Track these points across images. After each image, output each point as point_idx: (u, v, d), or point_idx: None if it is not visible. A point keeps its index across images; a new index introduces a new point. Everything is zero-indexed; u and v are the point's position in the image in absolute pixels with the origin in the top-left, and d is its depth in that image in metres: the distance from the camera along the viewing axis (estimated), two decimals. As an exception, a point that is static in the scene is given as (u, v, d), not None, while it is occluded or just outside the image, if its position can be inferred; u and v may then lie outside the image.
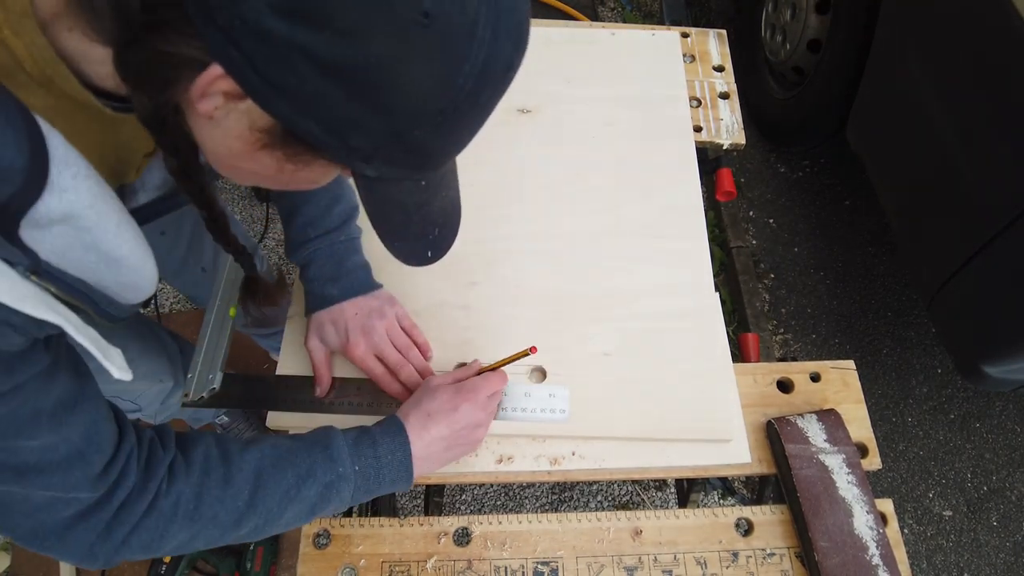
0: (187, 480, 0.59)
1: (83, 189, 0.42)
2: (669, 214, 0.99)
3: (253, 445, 0.65)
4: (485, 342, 0.88)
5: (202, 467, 0.61)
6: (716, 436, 0.83)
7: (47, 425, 0.47)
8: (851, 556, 0.76)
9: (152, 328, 1.16)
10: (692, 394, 0.85)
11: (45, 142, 0.39)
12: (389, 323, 0.83)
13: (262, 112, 0.40)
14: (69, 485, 0.51)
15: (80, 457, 0.51)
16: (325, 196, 0.82)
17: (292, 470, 0.64)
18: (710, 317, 0.91)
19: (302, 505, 0.65)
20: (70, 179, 0.41)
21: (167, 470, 0.59)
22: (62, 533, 0.53)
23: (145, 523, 0.57)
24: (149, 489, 0.57)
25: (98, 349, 0.45)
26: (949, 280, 1.37)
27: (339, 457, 0.67)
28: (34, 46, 0.42)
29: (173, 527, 0.58)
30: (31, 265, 0.40)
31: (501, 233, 0.96)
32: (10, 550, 1.60)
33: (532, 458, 0.82)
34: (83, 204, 0.42)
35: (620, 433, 0.83)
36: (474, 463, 0.81)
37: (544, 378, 0.86)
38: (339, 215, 0.83)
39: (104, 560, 0.56)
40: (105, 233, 0.45)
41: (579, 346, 0.88)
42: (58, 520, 0.53)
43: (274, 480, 0.63)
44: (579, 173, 1.02)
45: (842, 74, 1.70)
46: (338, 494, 0.67)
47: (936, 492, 1.77)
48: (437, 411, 0.73)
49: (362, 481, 0.68)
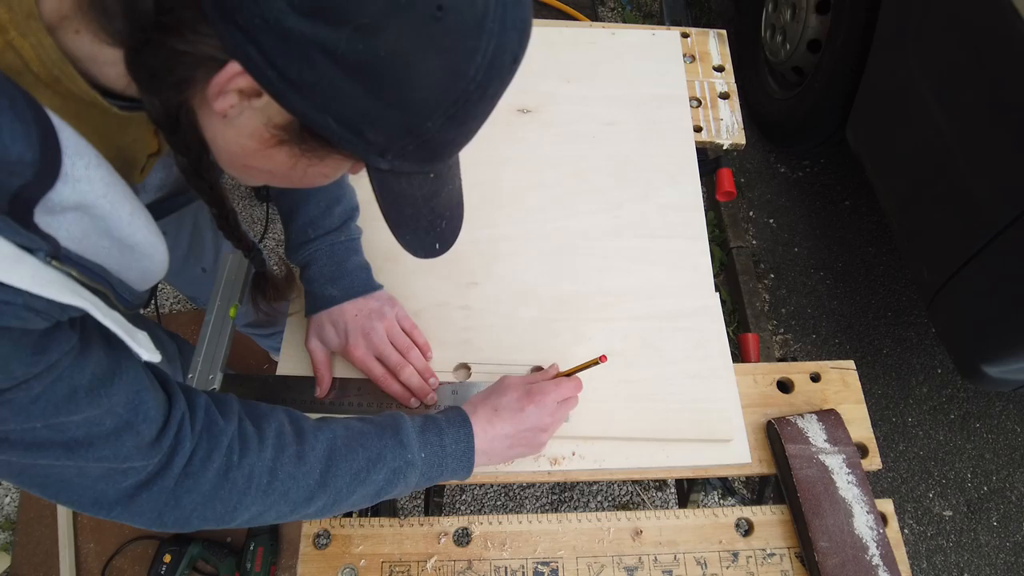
0: (261, 454, 0.60)
1: (96, 178, 0.43)
2: (669, 214, 0.99)
3: (325, 425, 0.66)
4: (485, 342, 0.88)
5: (276, 442, 0.61)
6: (716, 436, 0.83)
7: (86, 400, 0.48)
8: (851, 556, 0.76)
9: (151, 328, 1.16)
10: (692, 394, 0.85)
11: (57, 135, 0.40)
12: (389, 324, 0.83)
13: (280, 109, 0.41)
14: (121, 456, 0.51)
15: (128, 427, 0.51)
16: (325, 196, 0.82)
17: (363, 452, 0.65)
18: (710, 317, 0.91)
19: (370, 488, 0.66)
20: (83, 169, 0.41)
21: (238, 441, 0.59)
22: (126, 502, 0.54)
23: (219, 494, 0.57)
24: (215, 457, 0.57)
25: (124, 331, 0.46)
26: (949, 280, 1.37)
27: (409, 443, 0.68)
28: (40, 47, 0.42)
29: (247, 499, 0.59)
30: (51, 251, 0.40)
31: (501, 233, 0.96)
32: (10, 550, 1.60)
33: (532, 458, 0.82)
34: (96, 193, 0.43)
35: (620, 433, 0.83)
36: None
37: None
38: (340, 215, 0.83)
39: (178, 526, 0.57)
40: (119, 220, 0.45)
41: (579, 346, 0.88)
42: (120, 489, 0.53)
43: (346, 461, 0.64)
44: (579, 173, 1.02)
45: (842, 74, 1.70)
46: (404, 479, 0.68)
47: (936, 492, 1.77)
48: (505, 408, 0.73)
49: (427, 468, 0.69)
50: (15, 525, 1.64)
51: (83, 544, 1.61)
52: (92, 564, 1.58)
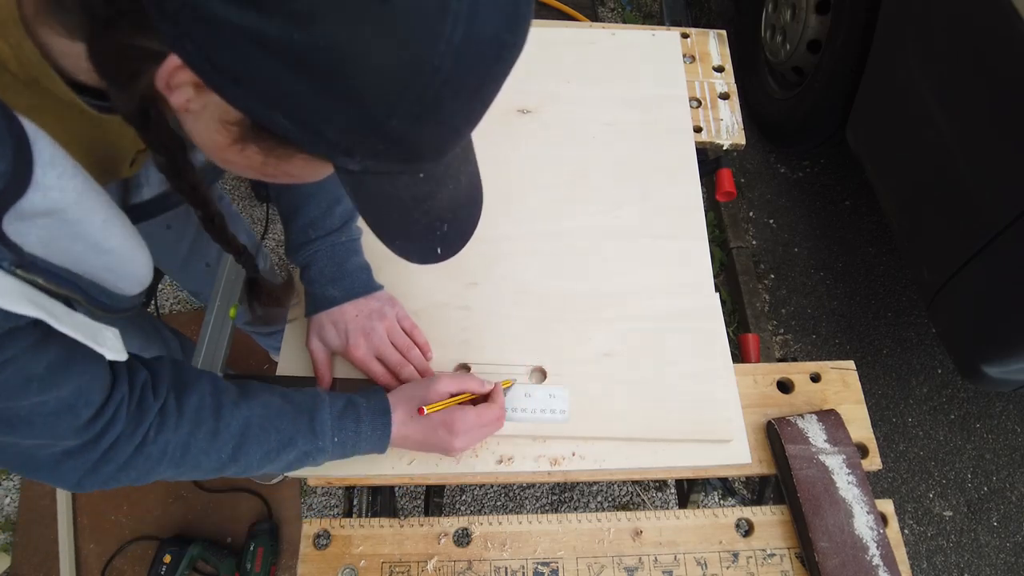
0: (177, 430, 0.61)
1: (69, 188, 0.42)
2: (669, 214, 0.99)
3: (244, 400, 0.67)
4: (485, 342, 0.88)
5: (193, 418, 0.63)
6: (717, 436, 0.83)
7: (38, 388, 0.48)
8: (851, 556, 0.76)
9: (155, 325, 1.16)
10: (692, 394, 0.85)
11: (31, 146, 0.39)
12: (389, 324, 0.83)
13: (228, 105, 0.38)
14: (56, 435, 0.53)
15: (69, 410, 0.52)
16: (326, 197, 0.82)
17: (276, 435, 0.67)
18: (710, 317, 0.91)
19: (278, 464, 0.69)
20: (55, 179, 0.41)
21: (159, 417, 0.61)
22: (52, 467, 0.56)
23: (134, 463, 0.60)
24: (137, 434, 0.59)
25: (85, 336, 0.46)
26: (949, 280, 1.37)
27: (322, 432, 0.70)
28: (19, 48, 0.42)
29: (159, 468, 0.61)
30: (15, 260, 0.40)
31: (501, 233, 0.96)
32: (10, 551, 1.60)
33: (532, 458, 0.82)
34: (68, 200, 0.42)
35: (621, 433, 0.83)
36: (474, 464, 0.81)
37: (544, 378, 0.86)
38: (340, 216, 0.83)
39: (94, 488, 0.59)
40: (91, 226, 0.45)
41: (579, 346, 0.88)
42: (48, 455, 0.55)
43: (257, 443, 0.66)
44: (579, 173, 1.02)
45: (842, 74, 1.70)
46: (313, 461, 0.71)
47: (936, 492, 1.77)
48: (422, 419, 0.75)
49: (338, 451, 0.72)
50: (15, 526, 1.63)
51: (83, 545, 1.61)
52: (92, 564, 1.58)
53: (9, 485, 1.69)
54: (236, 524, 1.62)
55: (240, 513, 1.64)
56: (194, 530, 1.61)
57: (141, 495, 1.66)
